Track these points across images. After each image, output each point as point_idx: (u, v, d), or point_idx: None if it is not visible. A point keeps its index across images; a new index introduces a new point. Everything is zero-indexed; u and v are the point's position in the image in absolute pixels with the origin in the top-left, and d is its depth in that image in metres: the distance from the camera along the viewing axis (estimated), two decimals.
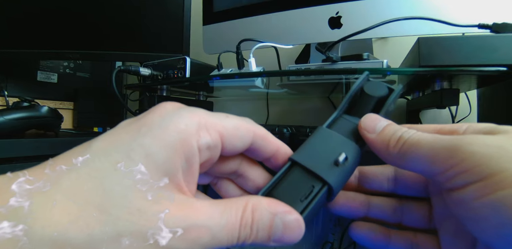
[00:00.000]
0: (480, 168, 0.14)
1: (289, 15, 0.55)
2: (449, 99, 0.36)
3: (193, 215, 0.13)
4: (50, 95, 0.86)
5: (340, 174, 0.17)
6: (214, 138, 0.15)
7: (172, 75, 0.55)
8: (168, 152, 0.13)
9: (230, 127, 0.16)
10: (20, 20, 0.71)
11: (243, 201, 0.15)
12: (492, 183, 0.13)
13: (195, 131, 0.14)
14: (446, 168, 0.15)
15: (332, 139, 0.18)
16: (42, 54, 0.73)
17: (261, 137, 0.17)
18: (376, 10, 0.48)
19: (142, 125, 0.14)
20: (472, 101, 0.58)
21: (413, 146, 0.16)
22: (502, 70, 0.30)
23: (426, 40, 0.32)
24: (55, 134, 0.64)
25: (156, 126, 0.14)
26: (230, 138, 0.16)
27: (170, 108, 0.15)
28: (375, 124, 0.18)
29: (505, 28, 0.37)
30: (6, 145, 0.49)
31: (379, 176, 0.21)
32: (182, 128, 0.14)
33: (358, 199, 0.20)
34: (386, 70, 0.39)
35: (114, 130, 0.14)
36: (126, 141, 0.13)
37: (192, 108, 0.15)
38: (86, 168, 0.13)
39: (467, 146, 0.14)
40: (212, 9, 0.64)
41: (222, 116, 0.16)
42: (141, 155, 0.13)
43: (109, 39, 0.74)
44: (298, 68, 0.47)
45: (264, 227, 0.14)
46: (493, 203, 0.13)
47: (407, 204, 0.20)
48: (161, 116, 0.14)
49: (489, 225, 0.14)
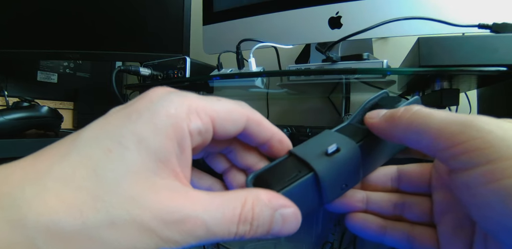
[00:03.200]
0: (491, 150, 0.13)
1: (289, 15, 0.55)
2: (449, 99, 0.36)
3: (189, 205, 0.13)
4: (50, 95, 0.86)
5: (329, 164, 0.17)
6: (205, 122, 0.15)
7: (172, 75, 0.55)
8: (161, 137, 0.13)
9: (222, 111, 0.15)
10: (20, 20, 0.71)
11: (242, 195, 0.14)
12: (500, 168, 0.13)
13: (186, 115, 0.14)
14: (454, 143, 0.14)
15: (331, 136, 0.19)
16: (42, 54, 0.73)
17: (255, 122, 0.17)
18: (376, 10, 0.48)
19: (132, 111, 0.14)
20: (472, 101, 0.58)
21: (423, 117, 0.15)
22: (502, 70, 0.30)
23: (426, 40, 0.32)
24: (55, 134, 0.64)
25: (146, 112, 0.13)
26: (222, 122, 0.15)
27: (160, 93, 0.15)
28: (378, 112, 0.18)
29: (505, 28, 0.37)
30: (6, 145, 0.49)
31: (382, 177, 0.21)
32: (172, 112, 0.14)
33: (356, 196, 0.20)
34: (386, 70, 0.39)
35: (105, 117, 0.14)
36: (117, 127, 0.13)
37: (183, 92, 0.15)
38: (78, 156, 0.12)
39: (483, 124, 0.13)
40: (212, 9, 0.64)
41: (214, 100, 0.15)
42: (133, 141, 0.13)
43: (109, 39, 0.74)
44: (298, 68, 0.47)
45: (265, 223, 0.14)
46: (499, 191, 0.13)
47: (408, 200, 0.20)
48: (151, 101, 0.14)
49: (494, 214, 0.13)
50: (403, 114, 0.16)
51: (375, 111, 0.18)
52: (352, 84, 0.57)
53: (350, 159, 0.18)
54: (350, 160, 0.18)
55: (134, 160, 0.12)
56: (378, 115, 0.18)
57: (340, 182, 0.18)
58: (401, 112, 0.16)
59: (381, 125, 0.17)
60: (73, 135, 0.13)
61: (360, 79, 0.47)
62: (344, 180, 0.18)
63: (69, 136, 0.14)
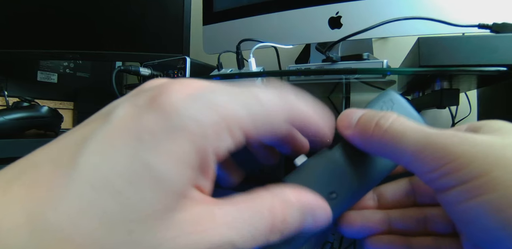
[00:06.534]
0: (465, 171, 0.13)
1: (289, 15, 0.55)
2: (449, 99, 0.36)
3: (215, 232, 0.11)
4: (50, 95, 0.86)
5: (297, 172, 0.16)
6: (237, 139, 0.12)
7: (172, 75, 0.55)
8: (182, 169, 0.11)
9: (260, 118, 0.12)
10: (20, 20, 0.71)
11: (269, 202, 0.13)
12: (475, 186, 0.13)
13: (214, 135, 0.11)
14: (430, 169, 0.14)
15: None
16: (42, 54, 0.73)
17: (299, 119, 0.14)
18: (376, 10, 0.48)
19: (142, 129, 0.11)
20: (472, 101, 0.58)
21: (396, 137, 0.15)
22: (502, 70, 0.30)
23: (426, 40, 0.32)
24: (55, 134, 0.63)
25: (162, 133, 0.11)
26: (258, 133, 0.13)
27: (178, 98, 0.11)
28: (351, 117, 0.16)
29: (505, 28, 0.37)
30: (6, 145, 0.49)
31: (397, 192, 0.19)
32: (197, 133, 0.11)
33: (375, 217, 0.18)
34: (386, 70, 0.39)
35: (107, 130, 0.11)
36: (125, 157, 0.10)
37: (211, 95, 0.12)
38: (79, 199, 0.10)
39: (456, 146, 0.13)
40: (212, 9, 0.64)
41: (251, 102, 0.12)
42: (148, 180, 0.10)
43: (109, 39, 0.74)
44: (298, 68, 0.47)
45: (295, 226, 0.13)
46: (476, 208, 0.13)
47: (429, 212, 0.19)
48: (167, 113, 0.11)
49: (475, 229, 0.13)
50: (375, 131, 0.15)
51: (347, 115, 0.17)
52: (352, 84, 0.57)
53: (320, 165, 0.17)
54: (322, 165, 0.17)
55: (149, 202, 0.10)
56: (350, 123, 0.16)
57: (322, 190, 0.16)
58: (373, 128, 0.15)
59: (355, 139, 0.16)
60: (64, 159, 0.11)
61: (360, 79, 0.47)
62: (327, 187, 0.16)
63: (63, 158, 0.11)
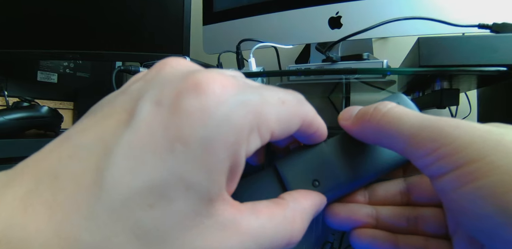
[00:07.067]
0: (459, 155, 0.13)
1: (289, 15, 0.55)
2: (449, 99, 0.36)
3: (237, 241, 0.11)
4: (50, 95, 0.86)
5: (288, 156, 0.18)
6: (264, 139, 0.12)
7: None
8: (214, 177, 0.11)
9: (284, 120, 0.13)
10: (20, 20, 0.71)
11: (289, 213, 0.14)
12: (468, 172, 0.12)
13: (246, 138, 0.11)
14: (426, 152, 0.13)
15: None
16: (42, 54, 0.73)
17: (307, 123, 0.15)
18: (376, 10, 0.48)
19: (173, 139, 0.10)
20: (472, 101, 0.58)
21: (393, 121, 0.15)
22: (502, 70, 0.30)
23: (426, 40, 0.32)
24: (55, 134, 0.63)
25: (194, 141, 0.10)
26: (280, 134, 0.13)
27: (213, 100, 0.10)
28: (351, 111, 0.17)
29: (505, 28, 0.37)
30: (6, 145, 0.49)
31: (390, 191, 0.19)
32: (231, 141, 0.11)
33: (362, 210, 0.18)
34: (386, 70, 0.39)
35: (133, 142, 0.10)
36: (156, 171, 0.10)
37: (243, 96, 0.11)
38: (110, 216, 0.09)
39: (452, 130, 0.13)
40: (212, 9, 0.64)
41: (277, 104, 0.13)
42: (180, 191, 0.10)
43: (109, 39, 0.74)
44: (298, 68, 0.47)
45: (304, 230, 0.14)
46: (468, 195, 0.12)
47: (421, 212, 0.18)
48: (201, 121, 0.10)
49: (471, 218, 0.13)
50: (373, 115, 0.15)
51: (348, 110, 0.17)
52: (352, 84, 0.57)
53: (309, 154, 0.18)
54: (310, 154, 0.18)
55: (182, 213, 0.10)
56: (350, 115, 0.17)
57: (306, 176, 0.17)
58: (371, 112, 0.15)
59: (353, 128, 0.16)
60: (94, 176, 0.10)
61: (360, 79, 0.48)
62: (311, 174, 0.17)
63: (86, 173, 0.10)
